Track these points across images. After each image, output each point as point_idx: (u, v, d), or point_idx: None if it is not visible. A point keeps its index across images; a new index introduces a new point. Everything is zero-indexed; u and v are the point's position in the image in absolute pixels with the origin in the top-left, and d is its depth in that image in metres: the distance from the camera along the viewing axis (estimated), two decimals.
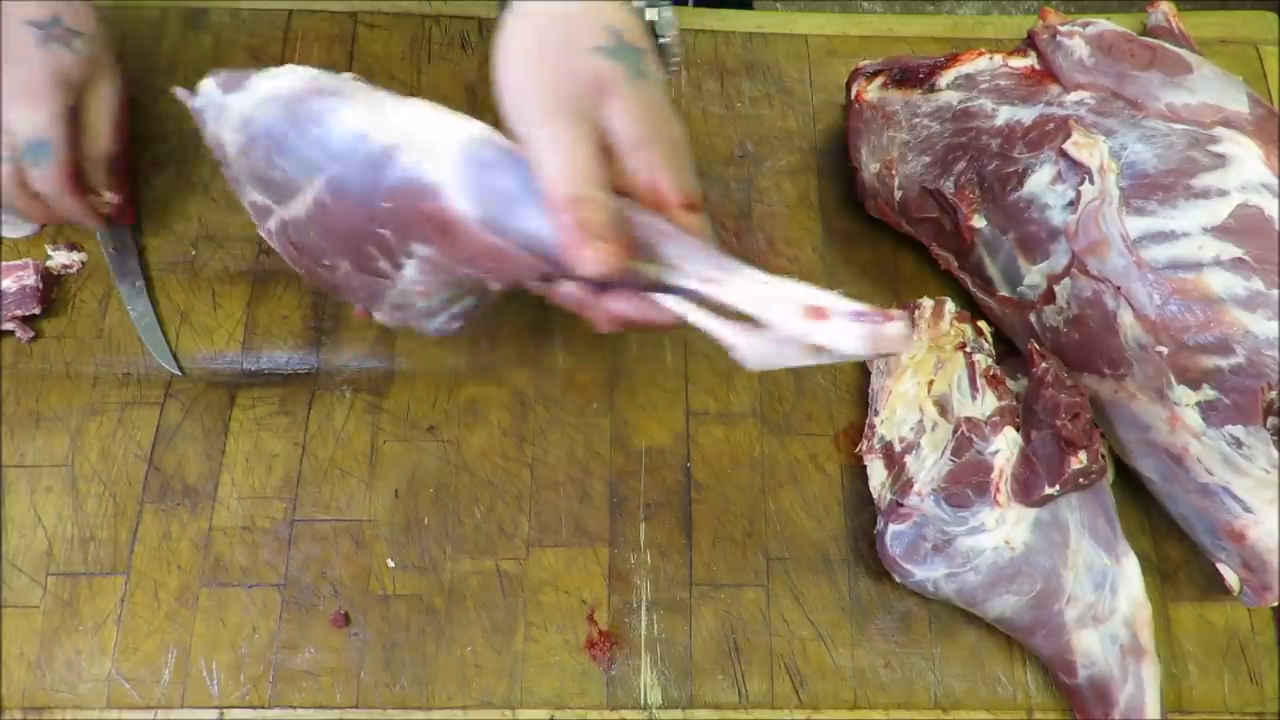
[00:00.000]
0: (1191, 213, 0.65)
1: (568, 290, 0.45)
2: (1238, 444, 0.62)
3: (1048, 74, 0.73)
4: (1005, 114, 0.73)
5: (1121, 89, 0.71)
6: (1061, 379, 0.66)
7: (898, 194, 0.76)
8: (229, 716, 0.65)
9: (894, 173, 0.76)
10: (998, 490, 0.65)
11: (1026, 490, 0.64)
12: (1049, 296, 0.69)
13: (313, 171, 0.53)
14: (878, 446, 0.71)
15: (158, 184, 0.78)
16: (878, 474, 0.70)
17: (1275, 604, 0.66)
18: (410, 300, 0.58)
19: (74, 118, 0.63)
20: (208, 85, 0.60)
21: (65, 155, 0.61)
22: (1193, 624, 0.71)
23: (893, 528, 0.67)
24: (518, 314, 0.75)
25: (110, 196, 0.69)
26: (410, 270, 0.54)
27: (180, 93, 0.60)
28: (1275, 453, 0.62)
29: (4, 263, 0.73)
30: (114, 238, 0.75)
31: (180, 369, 0.73)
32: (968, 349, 0.70)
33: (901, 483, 0.68)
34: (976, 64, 0.76)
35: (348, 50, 0.83)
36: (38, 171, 0.61)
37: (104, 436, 0.71)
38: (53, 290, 0.74)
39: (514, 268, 0.48)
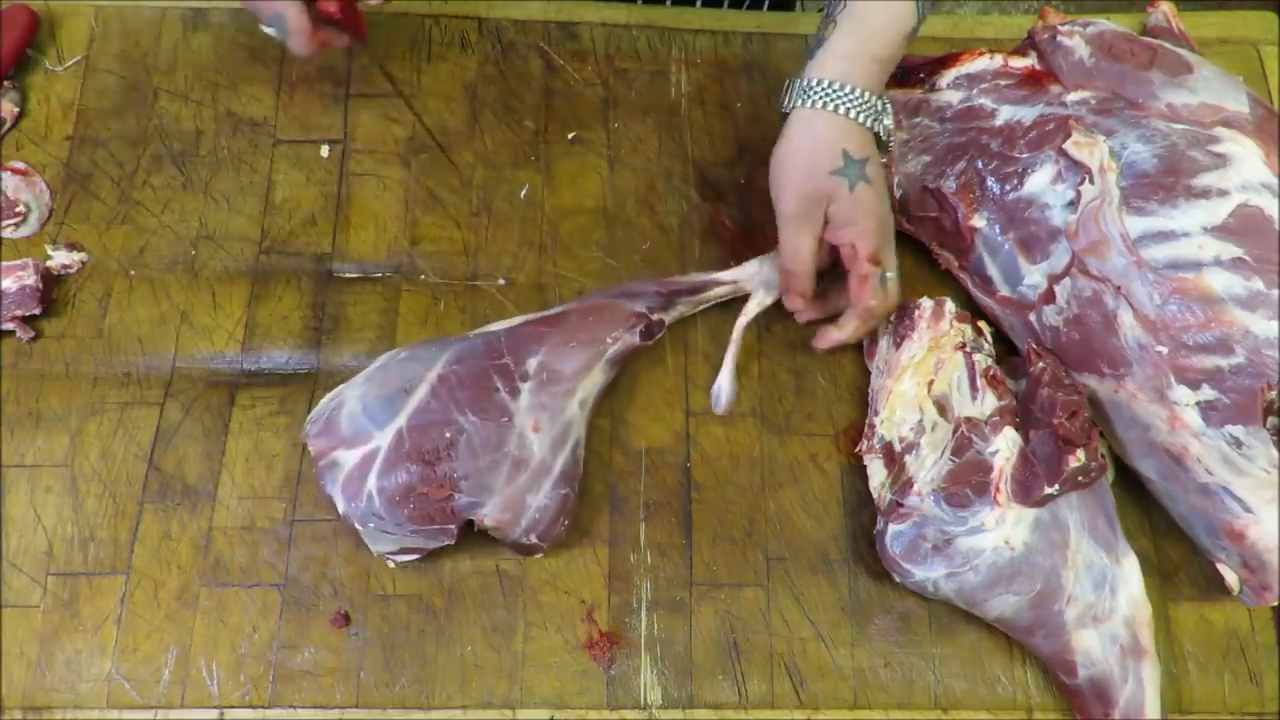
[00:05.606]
0: (1191, 212, 0.65)
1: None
2: (1238, 444, 0.62)
3: (1048, 74, 0.73)
4: (1005, 114, 0.73)
5: (1122, 89, 0.71)
6: (1059, 378, 0.65)
7: (897, 193, 0.76)
8: (229, 716, 0.65)
9: (894, 171, 0.76)
10: (997, 490, 0.65)
11: (1026, 490, 0.64)
12: (1049, 296, 0.69)
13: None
14: (878, 446, 0.71)
15: (158, 184, 0.78)
16: (878, 474, 0.70)
17: (1275, 604, 0.66)
18: (528, 453, 0.66)
19: None
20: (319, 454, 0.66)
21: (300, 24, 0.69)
22: (1193, 624, 0.71)
23: (893, 528, 0.67)
24: None
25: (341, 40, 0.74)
26: (526, 396, 0.67)
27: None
28: (1275, 453, 0.62)
29: (4, 263, 0.73)
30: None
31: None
32: (968, 349, 0.70)
33: (901, 483, 0.68)
34: (976, 64, 0.76)
35: (347, 50, 0.83)
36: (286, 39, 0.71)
37: (104, 436, 0.71)
38: (53, 290, 0.74)
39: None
